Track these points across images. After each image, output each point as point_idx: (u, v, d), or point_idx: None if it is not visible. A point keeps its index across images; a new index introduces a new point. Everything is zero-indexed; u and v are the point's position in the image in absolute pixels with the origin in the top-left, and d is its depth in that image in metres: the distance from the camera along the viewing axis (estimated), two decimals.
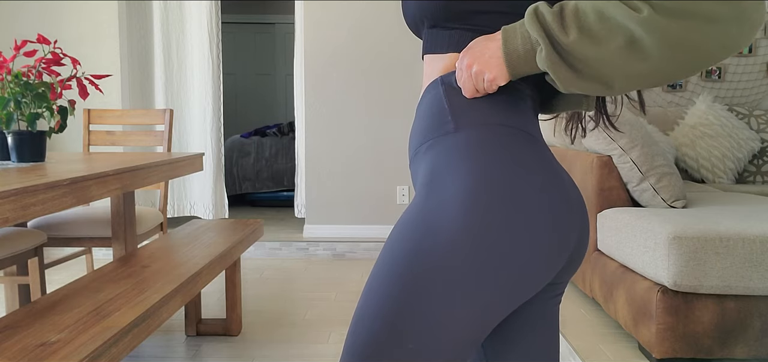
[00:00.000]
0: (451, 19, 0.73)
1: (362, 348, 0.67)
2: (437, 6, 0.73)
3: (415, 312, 0.65)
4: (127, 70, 3.74)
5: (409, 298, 0.65)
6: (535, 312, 0.79)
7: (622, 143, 2.29)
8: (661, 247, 1.88)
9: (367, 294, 0.69)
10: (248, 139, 5.19)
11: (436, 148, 0.72)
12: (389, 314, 0.66)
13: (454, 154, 0.69)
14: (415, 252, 0.66)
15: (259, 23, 7.11)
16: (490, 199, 0.65)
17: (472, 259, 0.65)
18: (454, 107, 0.72)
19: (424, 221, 0.67)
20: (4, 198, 1.12)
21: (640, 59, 0.58)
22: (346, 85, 3.82)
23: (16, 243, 1.97)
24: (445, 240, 0.65)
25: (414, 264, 0.66)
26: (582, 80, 0.62)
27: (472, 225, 0.65)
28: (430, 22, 0.76)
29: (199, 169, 2.23)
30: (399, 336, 0.65)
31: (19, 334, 1.25)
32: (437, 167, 0.70)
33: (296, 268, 3.44)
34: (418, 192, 0.72)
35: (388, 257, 0.69)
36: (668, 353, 1.93)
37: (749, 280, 1.85)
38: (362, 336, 0.67)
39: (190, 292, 1.70)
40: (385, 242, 0.76)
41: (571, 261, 0.76)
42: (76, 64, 1.79)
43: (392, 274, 0.67)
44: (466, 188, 0.66)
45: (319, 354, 2.18)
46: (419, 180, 0.74)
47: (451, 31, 0.75)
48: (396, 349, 0.65)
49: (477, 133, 0.70)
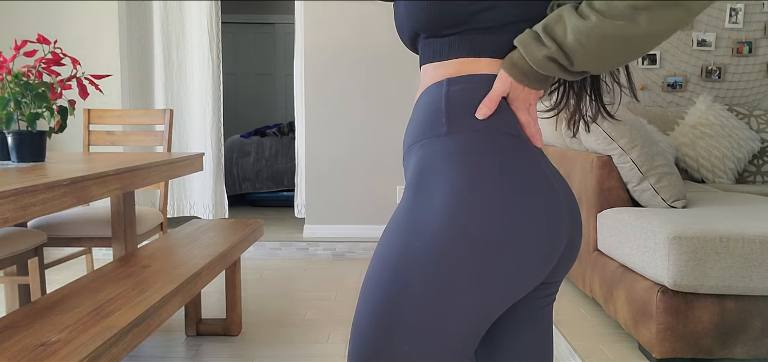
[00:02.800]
0: (447, 27, 0.73)
1: (359, 352, 0.69)
2: (431, 19, 0.73)
3: (407, 314, 0.67)
4: (127, 70, 3.74)
5: (400, 301, 0.67)
6: (527, 313, 0.79)
7: (622, 143, 2.29)
8: (661, 247, 1.88)
9: (361, 299, 0.71)
10: (248, 139, 5.19)
11: (426, 149, 0.72)
12: (382, 317, 0.68)
13: (443, 158, 0.70)
14: (404, 257, 0.68)
15: (259, 23, 7.11)
16: (475, 206, 0.66)
17: (458, 263, 0.66)
18: (450, 110, 0.72)
19: (411, 224, 0.69)
20: (4, 198, 1.12)
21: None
22: (346, 85, 3.82)
23: (16, 243, 1.97)
24: (431, 245, 0.66)
25: (402, 268, 0.67)
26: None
27: (457, 230, 0.66)
28: (427, 33, 0.76)
29: (199, 169, 2.23)
30: (392, 338, 0.67)
31: (19, 334, 1.25)
32: (426, 169, 0.71)
33: (296, 268, 3.44)
34: (405, 193, 0.73)
35: (378, 263, 0.70)
36: (668, 353, 1.93)
37: (749, 280, 1.85)
38: (358, 341, 0.70)
39: (190, 292, 1.70)
40: (376, 247, 0.77)
41: (562, 262, 0.76)
42: (76, 64, 1.79)
43: (382, 279, 0.69)
44: (451, 194, 0.67)
45: (319, 354, 2.18)
46: (408, 179, 0.75)
47: (450, 38, 0.75)
48: (390, 352, 0.67)
49: (467, 139, 0.70)
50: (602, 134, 2.33)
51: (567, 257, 0.76)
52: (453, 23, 0.73)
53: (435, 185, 0.69)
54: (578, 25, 0.64)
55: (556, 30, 0.66)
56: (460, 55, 0.74)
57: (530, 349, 0.79)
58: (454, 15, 0.72)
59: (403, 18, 0.78)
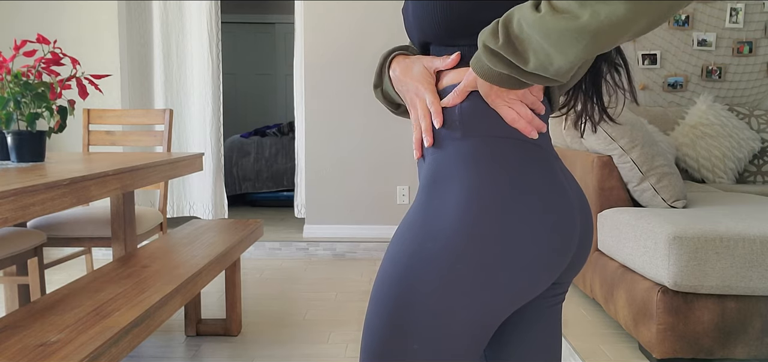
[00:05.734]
0: (454, 37, 0.73)
1: (371, 350, 0.70)
2: (438, 29, 0.73)
3: (417, 313, 0.67)
4: (126, 70, 3.74)
5: (410, 301, 0.68)
6: (536, 313, 0.79)
7: (622, 143, 2.29)
8: (662, 247, 1.88)
9: (372, 299, 0.72)
10: (248, 139, 5.19)
11: (440, 153, 0.73)
12: (392, 317, 0.69)
13: (457, 161, 0.70)
14: (415, 257, 0.68)
15: (259, 23, 7.11)
16: (487, 209, 0.67)
17: (469, 265, 0.66)
18: (464, 114, 0.71)
19: (423, 225, 0.69)
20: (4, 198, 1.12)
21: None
22: (346, 85, 3.82)
23: (16, 243, 1.97)
24: (443, 246, 0.67)
25: (414, 268, 0.68)
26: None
27: (469, 232, 0.66)
28: (436, 41, 0.76)
29: (199, 169, 2.23)
30: (404, 338, 0.68)
31: (19, 334, 1.25)
32: (439, 172, 0.71)
33: (296, 268, 3.44)
34: (419, 193, 0.74)
35: (390, 263, 0.71)
36: (668, 353, 1.92)
37: (749, 280, 1.85)
38: (370, 341, 0.71)
39: (189, 292, 1.70)
40: (387, 246, 0.78)
41: (572, 264, 0.76)
42: (75, 64, 1.79)
43: (393, 279, 0.70)
44: (464, 197, 0.68)
45: (319, 354, 2.18)
46: (422, 181, 0.75)
47: (459, 48, 0.74)
48: (402, 352, 0.68)
49: (482, 144, 0.70)
50: (603, 134, 2.33)
51: (577, 259, 0.76)
52: (458, 35, 0.73)
53: (448, 187, 0.70)
54: (527, 17, 0.60)
55: (511, 22, 0.62)
56: (467, 64, 0.73)
57: (538, 348, 0.80)
58: (457, 29, 0.72)
59: (412, 24, 0.78)
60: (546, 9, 0.58)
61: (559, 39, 0.58)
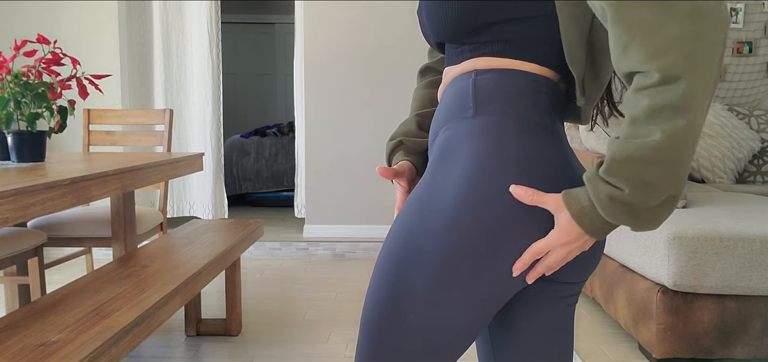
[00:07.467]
0: (470, 35, 0.73)
1: (371, 324, 0.72)
2: (450, 29, 0.74)
3: (415, 285, 0.68)
4: (127, 70, 3.74)
5: (409, 272, 0.69)
6: (547, 301, 0.77)
7: None
8: (661, 247, 1.88)
9: (374, 273, 0.74)
10: (248, 139, 5.19)
11: (452, 131, 0.73)
12: (392, 289, 0.70)
13: (467, 136, 0.71)
14: (417, 229, 0.69)
15: (259, 23, 7.11)
16: (492, 183, 0.67)
17: (469, 237, 0.67)
18: (478, 95, 0.72)
19: (427, 201, 0.70)
20: (4, 198, 1.12)
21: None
22: (346, 85, 3.82)
23: (16, 243, 1.97)
24: (444, 217, 0.68)
25: (414, 240, 0.69)
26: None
27: (472, 205, 0.67)
28: (449, 40, 0.77)
29: (199, 169, 2.23)
30: (401, 309, 0.69)
31: (19, 334, 1.25)
32: (448, 147, 0.72)
33: (296, 268, 3.44)
34: (427, 169, 0.75)
35: (393, 237, 0.72)
36: (668, 353, 1.93)
37: (749, 280, 1.85)
38: (369, 312, 0.72)
39: (189, 292, 1.70)
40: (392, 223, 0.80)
41: (578, 260, 0.75)
42: (75, 64, 1.79)
43: (394, 252, 0.71)
44: (469, 168, 0.68)
45: (319, 354, 2.18)
46: (431, 158, 0.76)
47: (472, 45, 0.75)
48: (400, 322, 0.69)
49: (493, 120, 0.70)
50: (603, 134, 2.33)
51: (586, 257, 0.74)
52: (473, 33, 0.73)
53: (455, 160, 0.70)
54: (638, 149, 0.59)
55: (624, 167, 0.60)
56: (489, 55, 0.74)
57: (547, 350, 0.78)
58: (472, 28, 0.72)
59: (427, 26, 0.78)
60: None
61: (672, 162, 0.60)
